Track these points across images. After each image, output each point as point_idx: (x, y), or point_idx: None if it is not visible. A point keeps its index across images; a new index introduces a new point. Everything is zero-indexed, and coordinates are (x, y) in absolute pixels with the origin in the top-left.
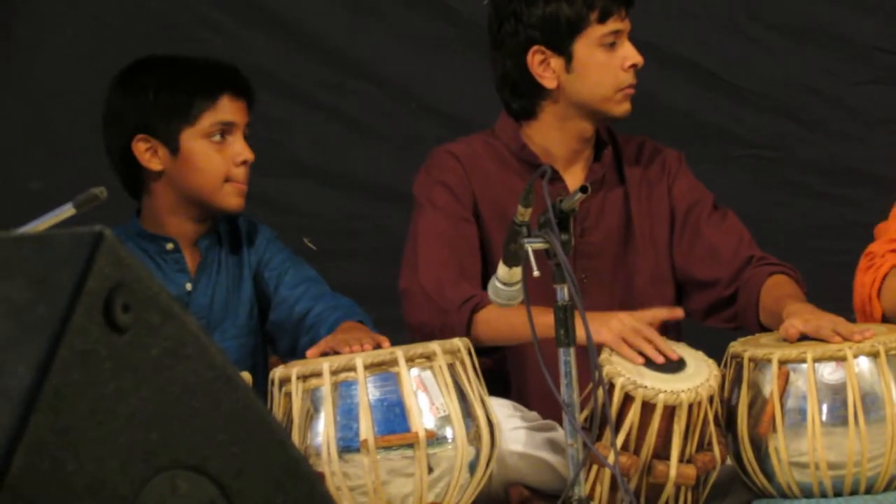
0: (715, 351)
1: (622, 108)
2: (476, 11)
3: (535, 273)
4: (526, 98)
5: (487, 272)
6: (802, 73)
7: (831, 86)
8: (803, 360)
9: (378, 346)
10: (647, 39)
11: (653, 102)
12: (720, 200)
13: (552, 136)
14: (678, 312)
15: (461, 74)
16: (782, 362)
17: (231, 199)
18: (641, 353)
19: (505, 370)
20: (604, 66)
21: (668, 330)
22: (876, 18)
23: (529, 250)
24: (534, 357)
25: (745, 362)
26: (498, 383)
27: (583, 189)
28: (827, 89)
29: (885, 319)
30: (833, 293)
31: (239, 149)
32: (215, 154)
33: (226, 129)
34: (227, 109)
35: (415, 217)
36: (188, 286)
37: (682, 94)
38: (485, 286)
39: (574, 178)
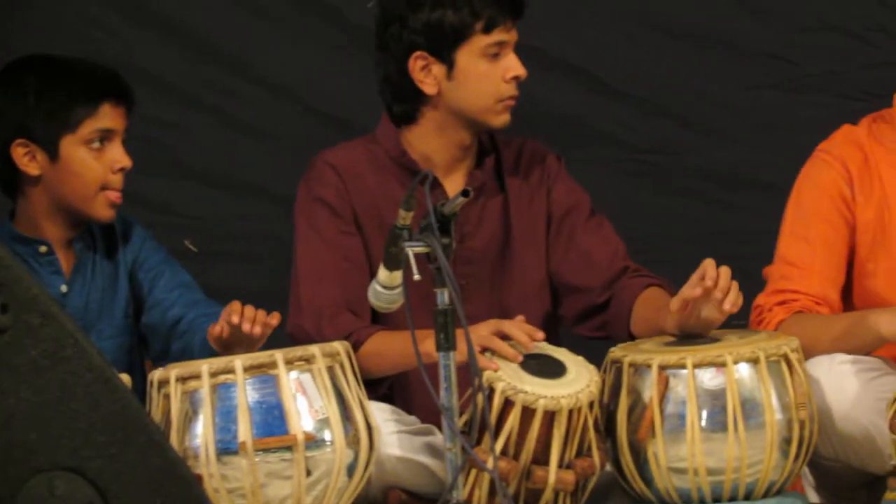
0: (596, 356)
1: (501, 119)
2: (364, 15)
3: (416, 276)
4: (407, 103)
5: None
6: (692, 77)
7: (721, 91)
8: (683, 366)
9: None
10: (535, 44)
11: (540, 108)
12: (608, 207)
13: (432, 143)
14: (539, 335)
15: (348, 78)
16: (662, 367)
17: (103, 210)
18: (528, 361)
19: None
20: (485, 76)
21: (548, 335)
22: (765, 23)
23: (410, 254)
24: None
25: (625, 367)
26: (380, 387)
27: (464, 193)
28: (717, 94)
29: None
30: None
31: (117, 156)
32: (94, 161)
33: (105, 136)
34: (108, 116)
35: (296, 243)
36: (63, 288)
37: (569, 99)
38: None
39: (454, 185)
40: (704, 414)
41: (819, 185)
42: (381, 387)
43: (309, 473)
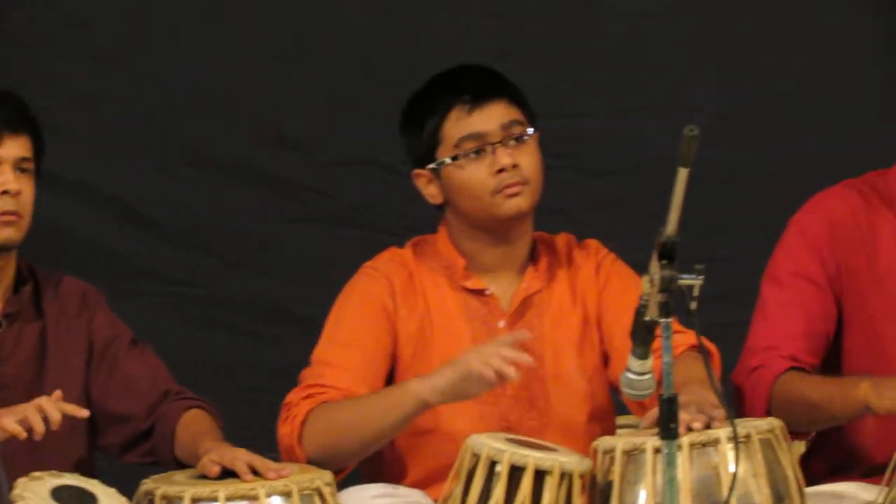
0: (128, 487)
1: (2, 234)
2: None
3: None
4: None
5: None
6: (228, 210)
7: (256, 224)
8: (216, 499)
9: None
10: (70, 176)
11: (76, 239)
12: (143, 337)
13: None
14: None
15: None
16: (194, 500)
17: None
18: (61, 493)
19: None
20: None
21: (86, 466)
22: (302, 157)
23: None
24: None
25: (157, 500)
26: None
27: None
28: (251, 227)
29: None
30: (255, 432)
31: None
32: None
33: None
34: None
35: None
36: None
37: (103, 229)
38: None
39: None
40: None
41: (362, 295)
42: None
43: None
